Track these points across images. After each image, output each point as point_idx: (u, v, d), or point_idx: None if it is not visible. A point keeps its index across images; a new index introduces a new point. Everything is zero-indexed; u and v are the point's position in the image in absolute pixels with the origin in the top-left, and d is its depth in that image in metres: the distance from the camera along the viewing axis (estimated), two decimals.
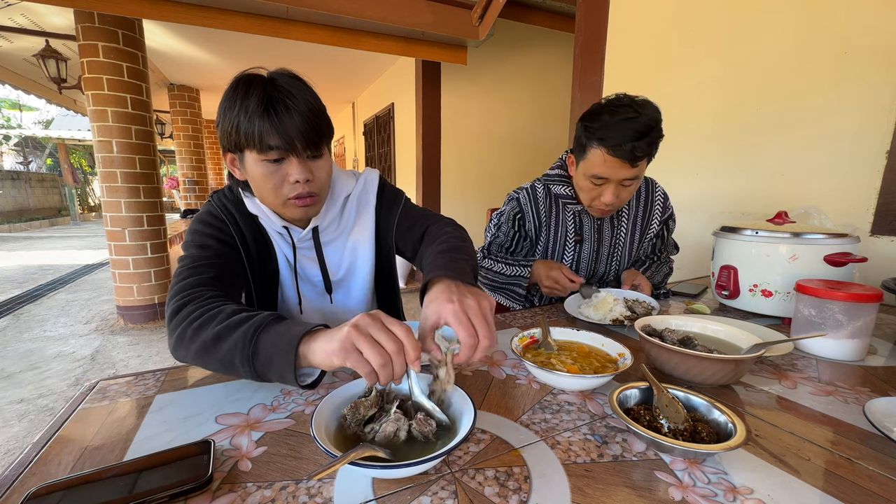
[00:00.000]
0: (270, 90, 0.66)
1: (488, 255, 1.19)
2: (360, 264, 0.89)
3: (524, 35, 3.99)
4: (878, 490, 0.41)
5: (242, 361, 0.52)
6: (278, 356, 0.50)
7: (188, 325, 0.58)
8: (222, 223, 0.77)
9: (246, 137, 0.66)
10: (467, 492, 0.40)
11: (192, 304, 0.60)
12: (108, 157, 2.93)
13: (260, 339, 0.52)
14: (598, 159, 0.94)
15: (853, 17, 1.21)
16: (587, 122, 0.95)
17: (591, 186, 1.01)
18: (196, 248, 0.73)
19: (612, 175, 0.95)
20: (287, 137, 0.66)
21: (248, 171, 0.71)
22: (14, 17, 3.26)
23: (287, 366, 0.50)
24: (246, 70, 0.70)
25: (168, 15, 2.60)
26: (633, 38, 1.86)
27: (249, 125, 0.65)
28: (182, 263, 0.70)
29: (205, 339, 0.55)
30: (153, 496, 0.38)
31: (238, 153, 0.71)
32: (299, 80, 0.71)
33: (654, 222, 1.19)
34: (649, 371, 0.56)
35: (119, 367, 2.54)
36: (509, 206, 1.19)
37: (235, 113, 0.66)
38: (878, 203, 1.19)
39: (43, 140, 12.58)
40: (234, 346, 0.53)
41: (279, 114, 0.65)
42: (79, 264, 5.60)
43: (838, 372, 0.70)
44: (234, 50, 4.18)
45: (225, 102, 0.68)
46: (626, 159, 0.91)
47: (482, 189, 4.30)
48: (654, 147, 0.93)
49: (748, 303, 0.97)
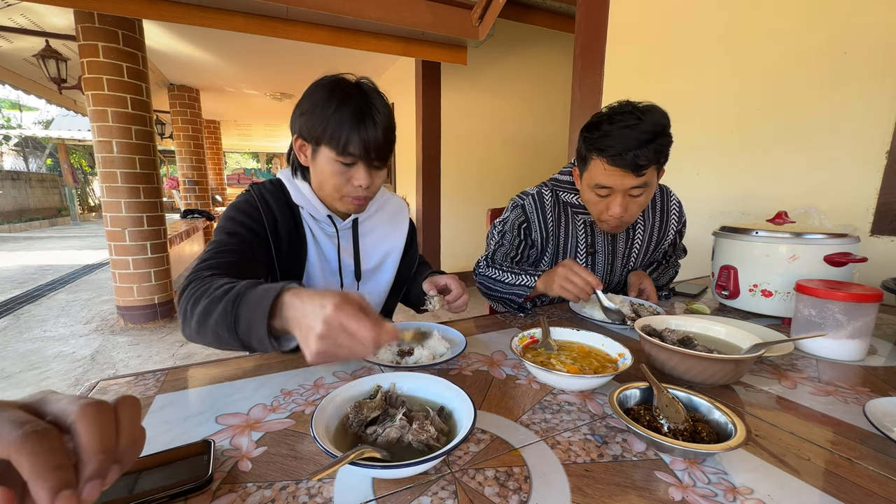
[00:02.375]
0: (364, 104, 0.75)
1: (492, 265, 1.10)
2: (388, 264, 1.00)
3: (524, 35, 3.99)
4: (878, 490, 0.41)
5: (229, 333, 0.53)
6: (256, 324, 0.50)
7: (187, 303, 0.61)
8: (256, 210, 0.82)
9: (330, 138, 0.74)
10: (467, 492, 0.40)
11: (193, 284, 0.63)
12: (108, 157, 2.93)
13: (239, 308, 0.53)
14: (599, 169, 0.90)
15: (853, 17, 1.21)
16: (586, 132, 0.92)
17: (596, 199, 0.95)
18: (224, 235, 0.77)
19: (616, 185, 0.90)
20: (366, 149, 0.75)
21: (318, 163, 0.79)
22: (14, 17, 3.26)
23: (263, 335, 0.50)
24: (339, 74, 0.79)
25: (168, 15, 2.60)
26: (633, 38, 1.86)
27: (339, 129, 0.73)
28: (206, 249, 0.74)
29: (198, 314, 0.57)
30: (153, 496, 0.38)
31: (313, 145, 0.78)
32: (382, 96, 0.80)
33: (670, 232, 1.15)
34: (649, 371, 0.56)
35: (119, 368, 2.54)
36: (513, 215, 1.12)
37: (330, 113, 0.73)
38: (878, 203, 1.19)
39: (43, 140, 12.58)
40: (219, 317, 0.54)
41: (367, 128, 0.74)
42: (79, 264, 5.60)
43: (838, 372, 0.70)
44: (234, 50, 4.18)
45: (319, 99, 0.75)
46: (629, 168, 0.86)
47: (482, 189, 4.30)
48: (662, 154, 0.87)
49: (748, 303, 0.97)
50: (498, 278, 1.05)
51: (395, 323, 0.77)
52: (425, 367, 0.66)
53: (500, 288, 1.04)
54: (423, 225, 4.09)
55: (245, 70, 4.93)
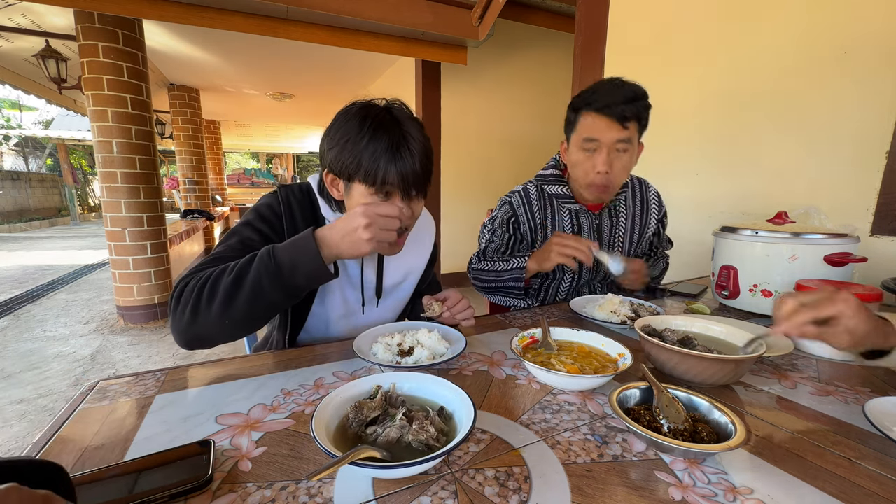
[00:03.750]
0: (398, 135, 0.70)
1: (484, 259, 1.17)
2: (409, 282, 0.95)
3: (524, 35, 3.99)
4: (878, 490, 0.41)
5: (272, 280, 0.61)
6: (303, 258, 0.62)
7: (199, 294, 0.63)
8: (278, 220, 0.78)
9: (365, 174, 0.69)
10: (467, 492, 0.40)
11: (192, 280, 0.65)
12: (108, 157, 2.93)
13: (277, 255, 0.62)
14: (589, 121, 0.99)
15: (853, 18, 1.21)
16: (575, 98, 1.03)
17: (584, 157, 1.02)
18: (238, 242, 0.74)
19: (603, 136, 0.97)
20: (404, 181, 0.71)
21: (353, 198, 0.74)
22: (14, 17, 3.26)
23: (316, 263, 0.62)
24: (367, 100, 0.73)
25: (168, 15, 2.60)
26: (633, 39, 1.86)
27: (373, 165, 0.69)
28: (215, 248, 0.74)
29: (225, 288, 0.62)
30: (153, 496, 0.38)
31: (346, 181, 0.73)
32: (417, 121, 0.75)
33: (651, 221, 1.20)
34: (649, 371, 0.56)
35: (119, 368, 2.54)
36: (502, 211, 1.18)
37: (361, 148, 0.69)
38: (878, 203, 1.19)
39: (43, 140, 12.58)
40: (257, 273, 0.61)
41: (404, 159, 0.69)
42: (79, 264, 5.59)
43: (838, 372, 0.70)
44: (234, 50, 4.18)
45: (348, 132, 0.70)
46: (616, 118, 0.95)
47: (482, 189, 4.29)
48: (643, 115, 0.98)
49: (748, 303, 0.97)
50: (491, 269, 1.13)
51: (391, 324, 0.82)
52: (425, 367, 0.66)
53: (495, 277, 1.11)
54: None
55: (245, 70, 4.93)
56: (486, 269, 1.14)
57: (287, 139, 10.80)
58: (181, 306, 0.63)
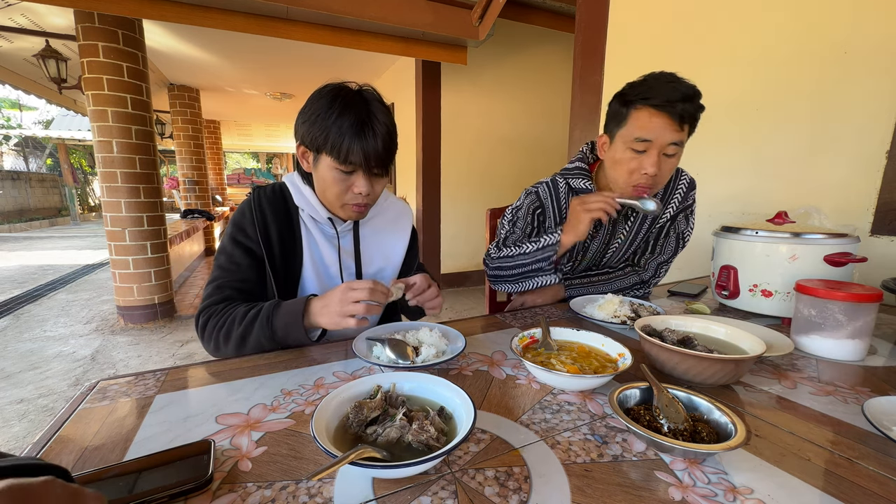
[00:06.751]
0: (364, 113, 0.76)
1: (504, 247, 1.09)
2: (390, 268, 1.00)
3: (524, 35, 3.99)
4: (878, 490, 0.41)
5: (269, 340, 0.74)
6: (293, 329, 0.73)
7: (217, 335, 0.76)
8: (251, 225, 0.85)
9: (331, 147, 0.76)
10: (467, 492, 0.40)
11: (213, 319, 0.78)
12: (108, 157, 2.94)
13: (274, 323, 0.73)
14: (644, 118, 0.90)
15: (853, 18, 1.21)
16: (626, 90, 0.94)
17: (631, 156, 0.93)
18: (227, 261, 0.84)
19: (657, 137, 0.89)
20: (366, 158, 0.76)
21: (319, 170, 0.81)
22: (14, 17, 3.26)
23: (301, 334, 0.73)
24: (341, 82, 0.80)
25: (168, 15, 2.60)
26: (633, 38, 1.86)
27: (339, 139, 0.75)
28: (213, 276, 0.84)
29: (235, 339, 0.75)
30: (153, 496, 0.38)
31: (315, 153, 0.80)
32: (384, 104, 0.81)
33: (668, 209, 1.11)
34: (649, 371, 0.56)
35: (119, 367, 2.54)
36: (528, 201, 1.12)
37: (330, 123, 0.75)
38: (878, 203, 1.19)
39: (43, 140, 12.58)
40: (258, 336, 0.74)
41: (367, 137, 0.75)
42: (79, 264, 5.60)
43: (838, 372, 0.70)
44: (234, 50, 4.18)
45: (319, 108, 0.77)
46: (674, 117, 0.87)
47: (482, 189, 4.30)
48: (696, 117, 0.91)
49: (748, 303, 0.97)
50: (518, 253, 1.06)
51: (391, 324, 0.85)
52: (425, 367, 0.66)
53: (523, 260, 1.05)
54: (423, 225, 4.09)
55: (245, 70, 4.94)
56: (510, 255, 1.06)
57: (287, 139, 10.80)
58: (205, 341, 0.79)
